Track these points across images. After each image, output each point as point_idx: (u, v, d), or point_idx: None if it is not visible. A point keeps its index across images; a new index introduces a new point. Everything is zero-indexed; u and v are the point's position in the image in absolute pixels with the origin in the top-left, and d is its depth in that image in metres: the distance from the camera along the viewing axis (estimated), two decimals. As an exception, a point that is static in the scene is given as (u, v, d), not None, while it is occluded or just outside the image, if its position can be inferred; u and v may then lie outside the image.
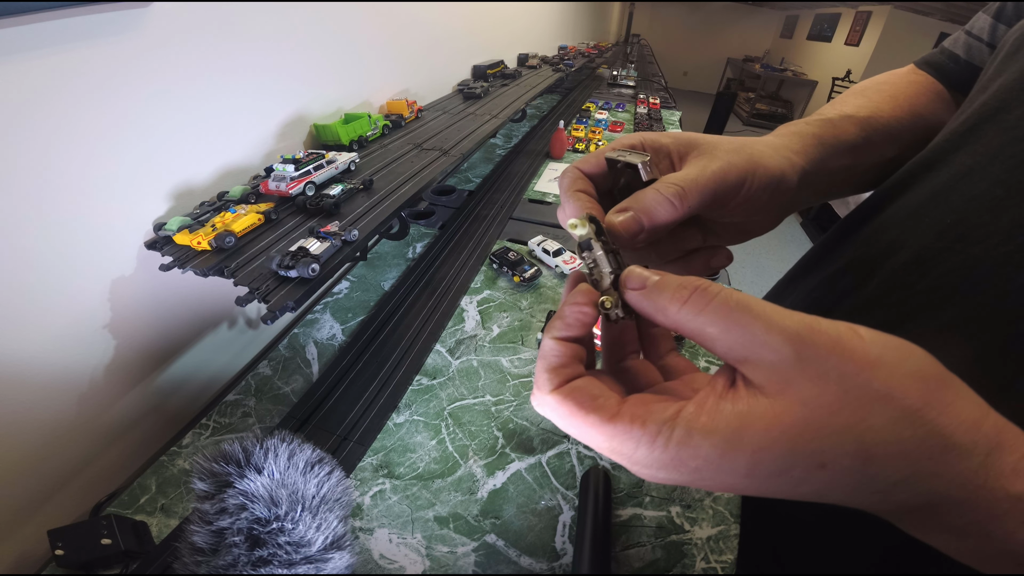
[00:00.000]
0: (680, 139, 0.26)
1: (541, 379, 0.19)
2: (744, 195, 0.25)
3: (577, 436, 0.18)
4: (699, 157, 0.25)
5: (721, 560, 0.43)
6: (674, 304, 0.17)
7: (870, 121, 0.35)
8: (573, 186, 0.25)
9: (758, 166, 0.25)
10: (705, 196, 0.23)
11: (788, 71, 6.66)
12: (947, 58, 0.41)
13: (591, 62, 2.58)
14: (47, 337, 0.45)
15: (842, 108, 0.36)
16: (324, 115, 0.80)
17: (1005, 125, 0.29)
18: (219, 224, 0.51)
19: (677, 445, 0.15)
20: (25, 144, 0.40)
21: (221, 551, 0.34)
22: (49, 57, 0.40)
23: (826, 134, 0.32)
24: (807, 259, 0.46)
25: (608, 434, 0.17)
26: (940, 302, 0.29)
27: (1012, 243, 0.26)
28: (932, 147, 0.35)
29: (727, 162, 0.24)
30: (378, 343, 0.66)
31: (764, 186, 0.25)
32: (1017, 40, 0.32)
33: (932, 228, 0.31)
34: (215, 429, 0.54)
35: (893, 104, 0.37)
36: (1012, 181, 0.27)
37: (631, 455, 0.16)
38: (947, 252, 0.29)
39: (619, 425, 0.17)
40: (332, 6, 0.75)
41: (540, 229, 0.98)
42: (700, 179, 0.23)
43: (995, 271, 0.26)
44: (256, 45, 0.62)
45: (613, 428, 0.17)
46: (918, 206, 0.33)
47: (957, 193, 0.30)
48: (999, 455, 0.14)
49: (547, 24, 2.46)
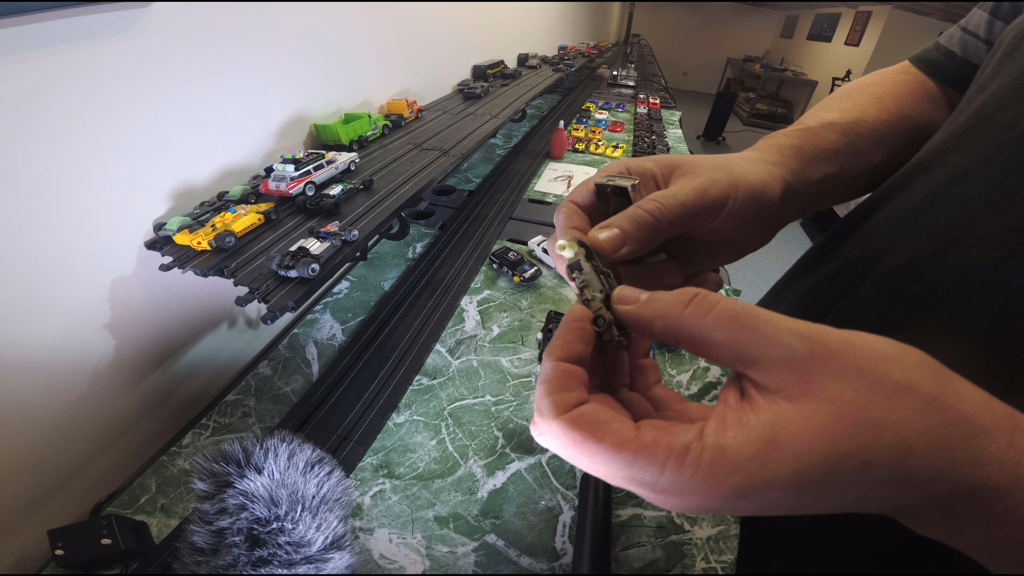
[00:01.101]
0: (662, 162, 0.26)
1: (543, 405, 0.17)
2: (730, 210, 0.25)
3: (588, 467, 0.16)
4: (681, 176, 0.25)
5: (721, 560, 0.43)
6: (675, 309, 0.17)
7: (853, 126, 0.35)
8: (568, 222, 0.25)
9: (740, 180, 0.25)
10: (686, 210, 0.23)
11: (788, 71, 6.66)
12: (943, 55, 0.41)
13: (591, 62, 2.58)
14: (47, 337, 0.45)
15: (824, 115, 0.36)
16: (324, 115, 0.80)
17: (1001, 126, 0.28)
18: (219, 224, 0.51)
19: (710, 464, 0.14)
20: (26, 144, 0.40)
21: (221, 551, 0.34)
22: (49, 57, 0.40)
23: (806, 144, 0.32)
24: (803, 261, 0.46)
25: (626, 461, 0.15)
26: (933, 306, 0.28)
27: (1006, 247, 0.25)
28: (929, 148, 0.34)
29: (708, 178, 0.24)
30: (378, 343, 0.66)
31: (748, 199, 0.25)
32: (1015, 37, 0.31)
33: (926, 231, 0.30)
34: (215, 429, 0.54)
35: (879, 107, 0.37)
36: (1008, 183, 0.27)
37: (655, 482, 0.15)
38: (941, 255, 0.29)
39: (640, 450, 0.15)
40: (332, 6, 0.75)
41: (540, 229, 0.98)
42: (679, 195, 0.23)
43: (989, 275, 0.26)
44: (256, 45, 0.62)
45: (633, 455, 0.15)
46: (912, 208, 0.32)
47: (952, 195, 0.30)
48: (1020, 434, 0.14)
49: (547, 24, 2.46)
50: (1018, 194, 0.26)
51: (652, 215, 0.23)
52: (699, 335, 0.16)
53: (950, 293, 0.28)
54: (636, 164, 0.26)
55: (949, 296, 0.28)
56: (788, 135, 0.32)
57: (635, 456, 0.15)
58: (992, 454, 0.14)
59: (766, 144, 0.32)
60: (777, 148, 0.31)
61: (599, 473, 0.16)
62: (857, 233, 0.38)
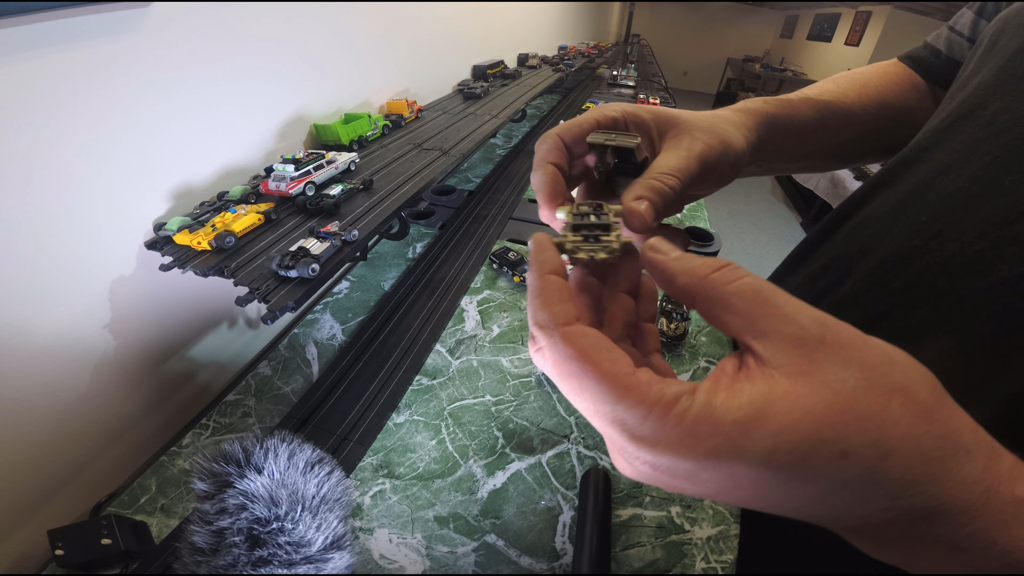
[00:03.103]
0: (659, 116, 0.26)
1: (543, 317, 0.16)
2: (717, 174, 0.26)
3: (574, 394, 0.16)
4: (678, 137, 0.25)
5: (721, 560, 0.43)
6: (703, 270, 0.17)
7: (830, 106, 0.37)
8: (547, 157, 0.25)
9: (728, 146, 0.26)
10: (695, 179, 0.24)
11: (788, 71, 6.66)
12: (929, 53, 0.42)
13: (591, 62, 2.58)
14: (47, 337, 0.45)
15: (808, 91, 0.38)
16: (324, 115, 0.80)
17: (982, 122, 0.29)
18: (219, 224, 0.51)
19: (694, 421, 0.14)
20: (26, 144, 0.40)
21: (221, 551, 0.34)
22: (50, 57, 0.40)
23: (780, 113, 0.33)
24: (792, 257, 0.47)
25: (618, 395, 0.14)
26: (915, 300, 0.29)
27: (986, 240, 0.26)
28: (913, 144, 0.35)
29: (706, 144, 0.25)
30: (378, 343, 0.66)
31: (731, 164, 0.26)
32: (994, 35, 0.32)
33: (908, 226, 0.31)
34: (215, 429, 0.54)
35: (860, 92, 0.39)
36: (987, 178, 0.27)
37: (635, 427, 0.14)
38: (922, 250, 0.29)
39: (632, 389, 0.14)
40: (332, 6, 0.75)
41: (540, 229, 0.98)
42: (690, 167, 0.24)
43: (969, 268, 0.26)
44: (256, 45, 0.62)
45: (625, 389, 0.14)
46: (896, 203, 0.33)
47: (934, 190, 0.30)
48: (997, 460, 0.14)
49: (547, 24, 2.46)
50: (997, 188, 0.26)
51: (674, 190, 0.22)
52: (719, 297, 0.16)
53: (932, 287, 0.28)
54: (632, 112, 0.26)
55: (931, 290, 0.28)
56: (767, 102, 0.33)
57: (626, 393, 0.15)
58: (967, 474, 0.14)
59: (744, 107, 0.32)
60: (754, 113, 0.31)
61: (583, 403, 0.15)
62: (844, 229, 0.39)
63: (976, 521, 0.14)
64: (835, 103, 0.37)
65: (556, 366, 0.16)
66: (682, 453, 0.14)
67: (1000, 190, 0.26)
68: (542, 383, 0.61)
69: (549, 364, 0.16)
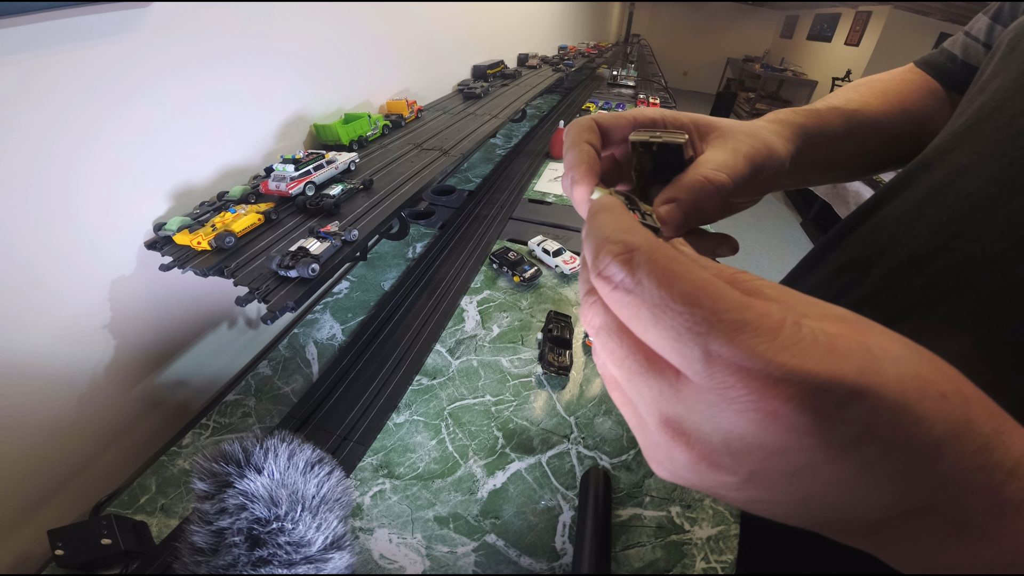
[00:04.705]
0: (699, 120, 0.26)
1: (626, 236, 0.14)
2: (763, 178, 0.25)
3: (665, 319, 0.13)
4: (722, 139, 0.24)
5: (721, 560, 0.43)
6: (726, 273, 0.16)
7: (856, 114, 0.36)
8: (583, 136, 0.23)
9: (772, 150, 0.25)
10: (742, 181, 0.23)
11: (788, 71, 6.65)
12: (945, 58, 0.42)
13: (591, 62, 2.58)
14: (47, 337, 0.45)
15: (833, 101, 0.38)
16: (324, 115, 0.80)
17: (1000, 124, 0.29)
18: (219, 224, 0.51)
19: (812, 341, 0.12)
20: (26, 144, 0.40)
21: (221, 551, 0.34)
22: (50, 57, 0.40)
23: (811, 124, 0.33)
24: (808, 259, 0.47)
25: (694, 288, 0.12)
26: (935, 299, 0.29)
27: (1006, 240, 0.26)
28: (931, 147, 0.35)
29: (751, 146, 0.24)
30: (378, 343, 0.66)
31: (775, 170, 0.26)
32: (1012, 40, 0.32)
33: (928, 226, 0.31)
34: (215, 429, 0.54)
35: (883, 99, 0.39)
36: (1006, 178, 0.27)
37: (756, 347, 0.12)
38: (942, 250, 0.29)
39: (750, 306, 0.12)
40: (332, 6, 0.75)
41: (540, 229, 0.98)
42: (737, 165, 0.23)
43: (990, 268, 0.26)
44: (256, 45, 0.62)
45: (745, 307, 0.12)
46: (914, 205, 0.33)
47: (953, 191, 0.30)
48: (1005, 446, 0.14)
49: (547, 24, 2.46)
50: (1016, 189, 0.26)
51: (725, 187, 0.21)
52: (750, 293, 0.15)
53: (951, 287, 0.28)
54: (672, 116, 0.25)
55: (950, 290, 0.28)
56: (797, 113, 0.33)
57: (747, 308, 0.12)
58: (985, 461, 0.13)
59: (777, 118, 0.32)
60: (788, 124, 0.31)
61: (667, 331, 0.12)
62: (860, 231, 0.39)
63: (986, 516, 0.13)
64: (861, 112, 0.37)
65: (652, 294, 0.13)
66: (829, 368, 0.12)
67: (1019, 191, 0.26)
68: (542, 383, 0.61)
69: (645, 291, 0.13)
